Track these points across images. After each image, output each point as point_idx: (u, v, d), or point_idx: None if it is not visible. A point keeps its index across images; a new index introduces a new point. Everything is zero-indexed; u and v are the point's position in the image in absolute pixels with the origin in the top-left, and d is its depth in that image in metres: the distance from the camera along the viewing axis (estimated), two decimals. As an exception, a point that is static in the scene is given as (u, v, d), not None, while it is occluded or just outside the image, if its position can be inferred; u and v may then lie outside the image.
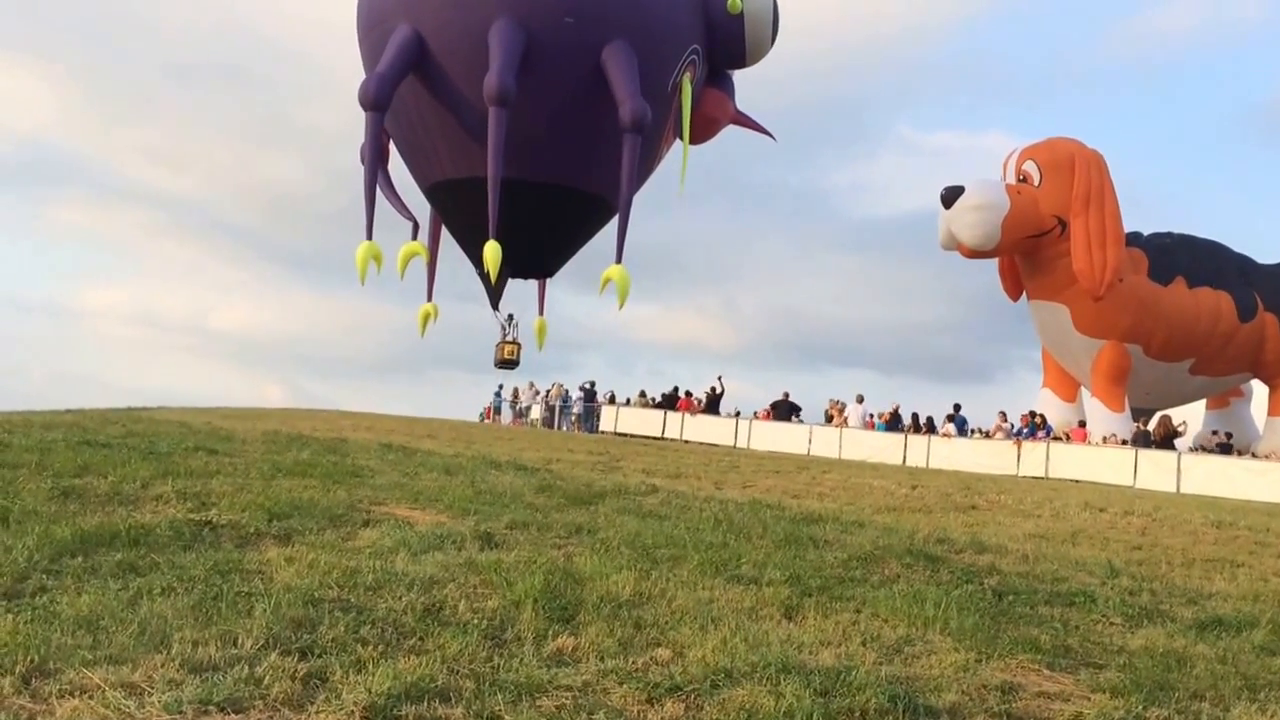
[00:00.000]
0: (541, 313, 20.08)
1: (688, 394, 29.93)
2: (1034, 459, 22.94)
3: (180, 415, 17.14)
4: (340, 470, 9.89)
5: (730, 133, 20.33)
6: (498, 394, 32.96)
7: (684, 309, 78.50)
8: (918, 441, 25.11)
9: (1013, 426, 25.77)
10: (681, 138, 18.42)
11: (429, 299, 19.62)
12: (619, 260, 16.92)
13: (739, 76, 19.99)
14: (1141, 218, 26.31)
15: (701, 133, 19.46)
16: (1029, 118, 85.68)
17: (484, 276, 17.78)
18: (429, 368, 74.56)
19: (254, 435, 13.11)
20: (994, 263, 25.34)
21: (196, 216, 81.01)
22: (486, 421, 31.48)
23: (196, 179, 79.55)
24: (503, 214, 16.35)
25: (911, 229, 65.77)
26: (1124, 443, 23.06)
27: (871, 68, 78.92)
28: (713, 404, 29.26)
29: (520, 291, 19.65)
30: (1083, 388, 25.55)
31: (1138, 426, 24.70)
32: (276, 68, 74.33)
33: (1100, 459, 22.29)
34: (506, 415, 32.30)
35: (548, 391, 31.56)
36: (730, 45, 18.70)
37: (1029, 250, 23.95)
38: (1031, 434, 24.93)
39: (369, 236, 16.73)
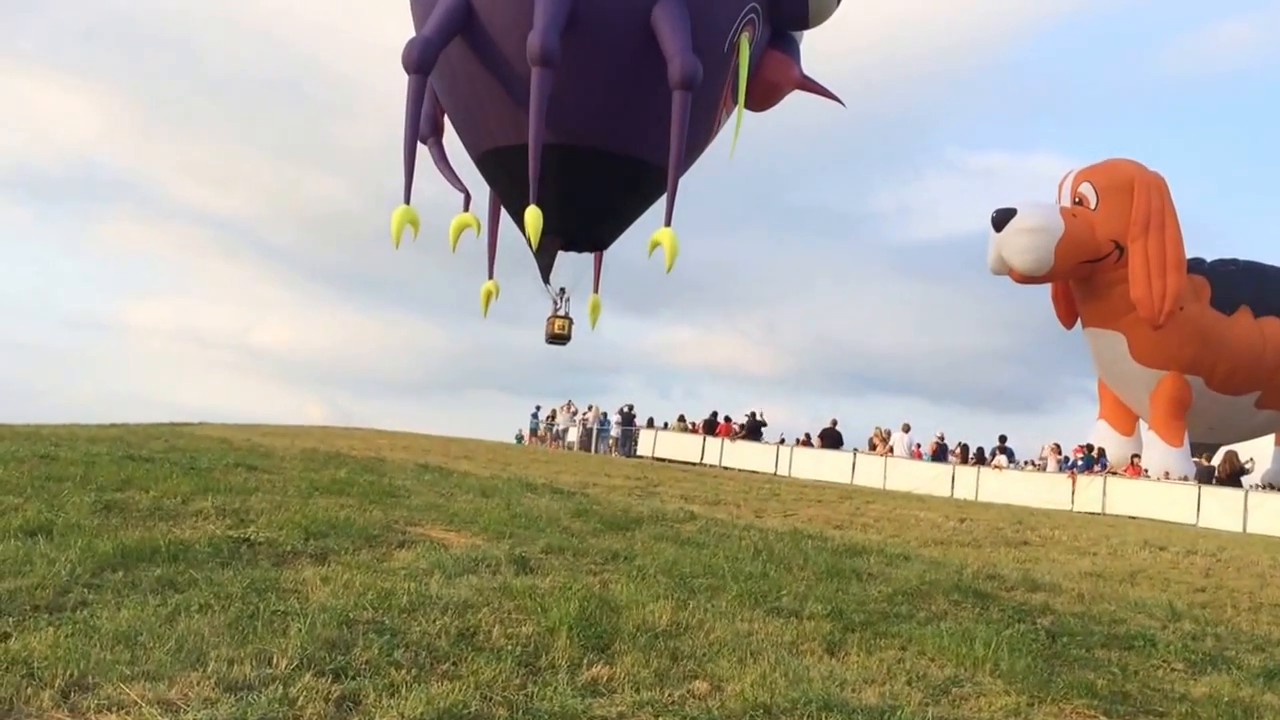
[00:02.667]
0: (596, 290, 19.57)
1: (727, 419, 29.68)
2: (1090, 493, 22.34)
3: (221, 431, 17.32)
4: (377, 490, 9.86)
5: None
6: (535, 415, 32.97)
7: (724, 332, 78.28)
8: (966, 472, 24.60)
9: (1067, 459, 25.17)
10: (741, 101, 17.48)
11: (490, 276, 19.10)
12: (668, 223, 16.21)
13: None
14: (1205, 243, 25.72)
15: (764, 99, 18.52)
16: (1079, 138, 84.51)
17: (533, 249, 17.15)
18: (468, 388, 75.12)
19: (293, 453, 13.17)
20: (1047, 288, 24.84)
21: (240, 234, 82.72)
22: (527, 443, 31.51)
23: (240, 197, 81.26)
24: (551, 181, 15.77)
25: (959, 252, 64.99)
26: (1184, 479, 22.39)
27: (916, 87, 78.51)
28: (753, 430, 28.98)
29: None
30: (1141, 420, 24.88)
31: (1199, 462, 24.00)
32: (319, 87, 75.78)
33: (1161, 495, 21.61)
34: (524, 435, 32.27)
35: (585, 414, 31.50)
36: (793, 4, 17.78)
37: (1084, 276, 23.40)
38: (1087, 467, 24.30)
39: (406, 201, 16.32)
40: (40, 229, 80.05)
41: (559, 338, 18.95)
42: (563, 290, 18.78)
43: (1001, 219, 22.82)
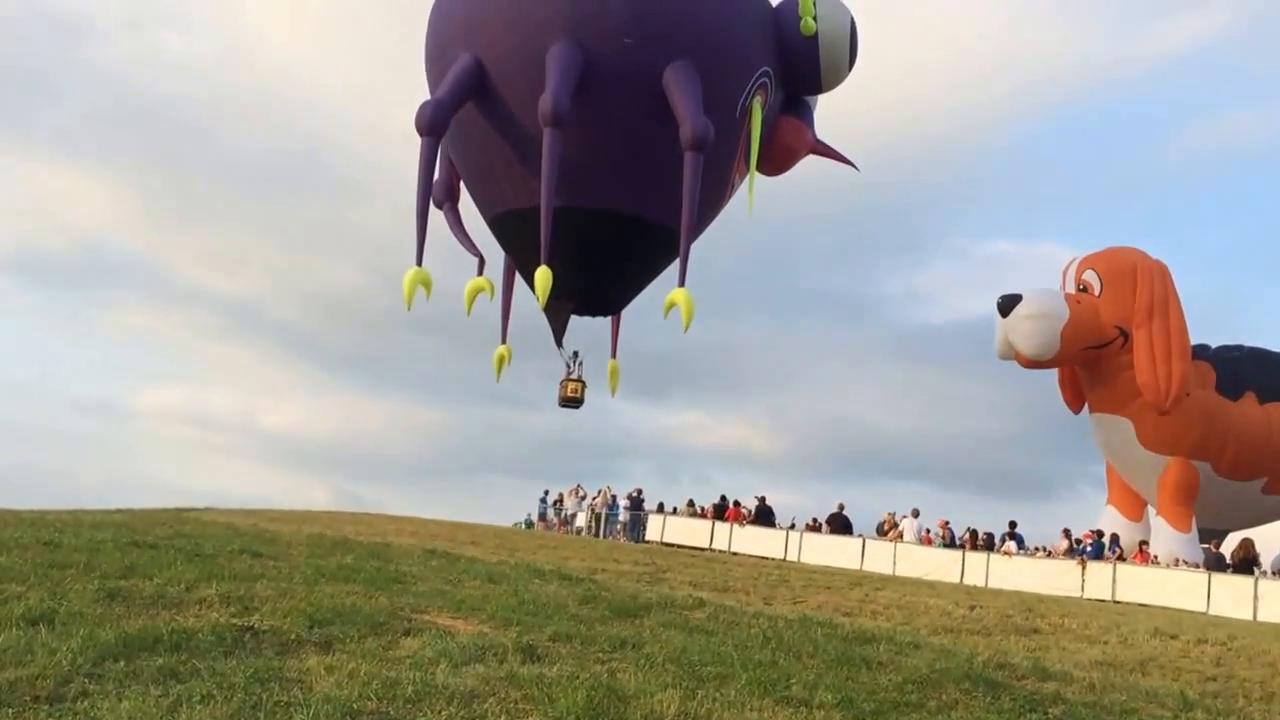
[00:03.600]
0: (614, 355, 19.43)
1: (736, 504, 29.46)
2: (1099, 580, 22.01)
3: (227, 517, 17.24)
4: (383, 576, 9.80)
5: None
6: (543, 499, 32.77)
7: (732, 416, 78.18)
8: (976, 558, 24.28)
9: (1078, 544, 24.87)
10: (754, 164, 17.52)
11: (503, 341, 18.98)
12: (682, 283, 16.10)
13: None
14: (1209, 330, 25.75)
15: (778, 163, 18.56)
16: (1084, 227, 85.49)
17: (546, 311, 17.10)
18: (476, 471, 74.74)
19: (299, 538, 13.10)
20: (1053, 373, 24.90)
21: (250, 318, 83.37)
22: (536, 527, 31.27)
23: (250, 281, 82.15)
24: (564, 244, 15.73)
25: (967, 337, 65.23)
26: (1197, 566, 22.10)
27: (922, 174, 79.76)
28: (762, 515, 28.73)
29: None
30: (1149, 506, 24.68)
31: (1207, 549, 23.71)
32: (330, 170, 77.27)
33: (1171, 582, 21.30)
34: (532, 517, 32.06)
35: (594, 498, 31.30)
36: (805, 69, 17.76)
37: (1090, 361, 23.50)
38: (1096, 553, 24.00)
39: (419, 263, 16.30)
40: (49, 313, 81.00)
41: (572, 400, 18.84)
42: (576, 354, 18.72)
43: (1007, 305, 23.02)
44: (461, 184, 18.53)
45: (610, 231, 17.01)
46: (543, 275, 15.72)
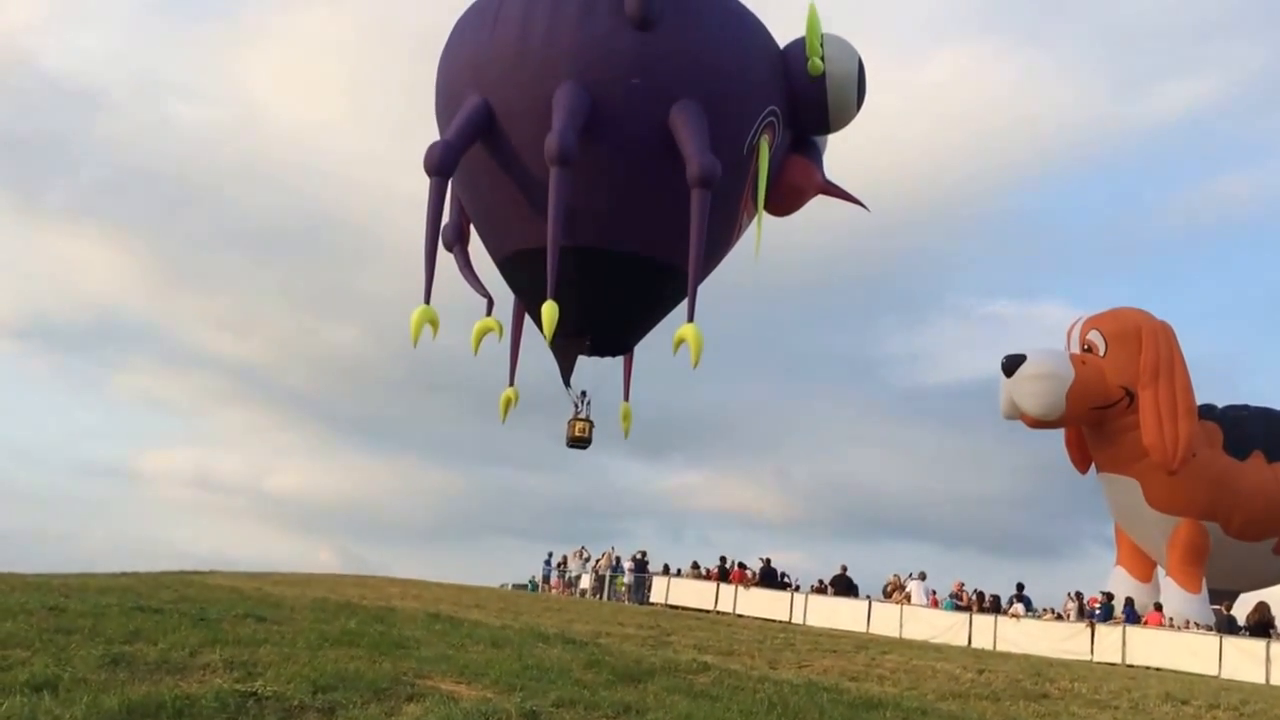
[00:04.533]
0: (627, 397, 19.31)
1: (741, 565, 29.28)
2: (1109, 643, 21.74)
3: (232, 580, 17.21)
4: (387, 641, 9.76)
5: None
6: (547, 562, 32.61)
7: (734, 476, 77.73)
8: (983, 621, 24.03)
9: (1089, 606, 24.59)
10: (761, 203, 17.44)
11: (510, 384, 18.93)
12: (690, 319, 16.03)
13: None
14: (1213, 391, 25.70)
15: (787, 203, 18.55)
16: (1086, 287, 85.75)
17: (554, 349, 17.02)
18: (480, 533, 74.32)
19: (303, 602, 13.07)
20: (1059, 432, 24.85)
21: (257, 381, 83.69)
22: (543, 589, 31.07)
23: (258, 345, 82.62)
24: (571, 283, 15.71)
25: (968, 398, 65.05)
26: (1209, 629, 21.83)
27: (922, 235, 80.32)
28: (767, 576, 28.54)
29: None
30: (1159, 567, 24.46)
31: (1218, 610, 23.44)
32: (336, 236, 78.11)
33: (1182, 645, 21.02)
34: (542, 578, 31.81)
35: (598, 560, 31.15)
36: (813, 108, 17.79)
37: (1096, 421, 23.46)
38: (1106, 616, 23.73)
39: (426, 301, 16.33)
40: (57, 378, 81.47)
41: (579, 440, 18.65)
42: (584, 393, 18.60)
43: (1012, 365, 23.06)
44: (471, 227, 18.60)
45: (618, 271, 17.02)
46: (549, 309, 15.67)
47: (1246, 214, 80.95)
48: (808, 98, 17.71)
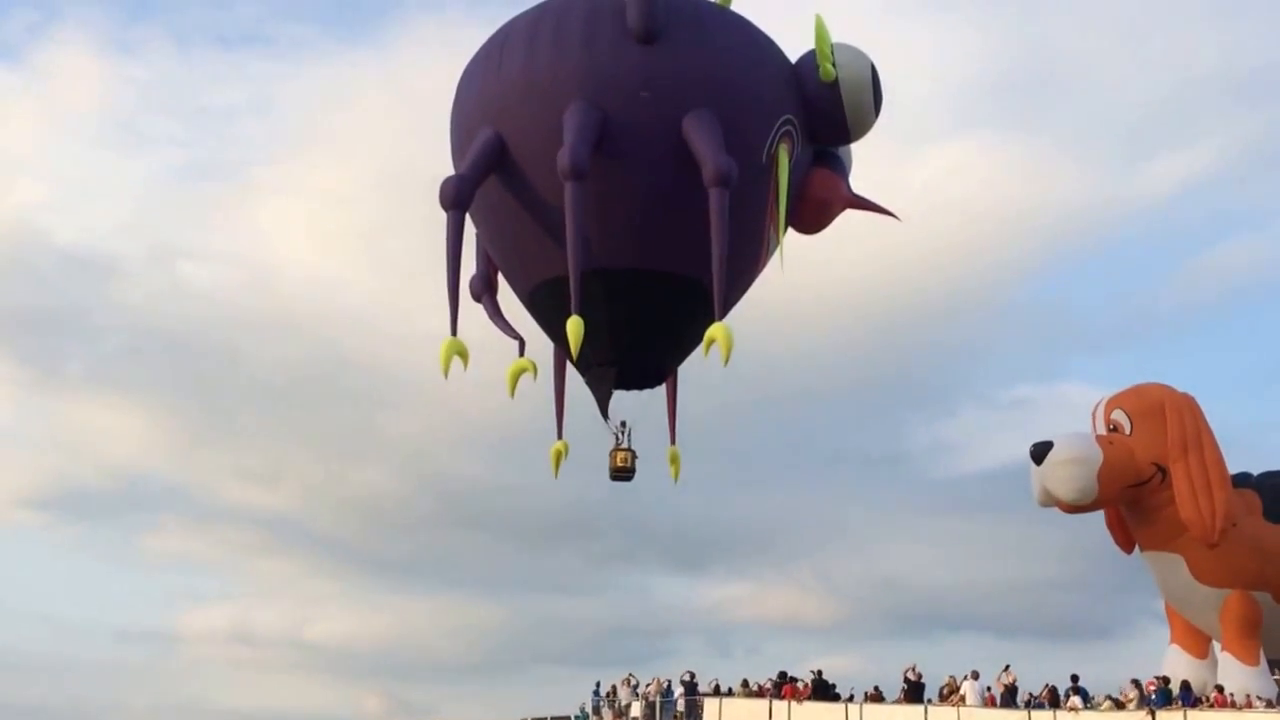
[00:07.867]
0: (674, 441, 18.95)
1: (792, 679, 28.82)
2: (1172, 728, 21.35)
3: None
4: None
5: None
6: (596, 691, 32.04)
7: (778, 584, 76.85)
8: (1042, 717, 23.60)
9: (1146, 691, 24.13)
10: (783, 214, 17.24)
11: (559, 436, 18.65)
12: (720, 318, 15.82)
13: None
14: (1247, 458, 25.73)
15: (816, 218, 18.30)
16: (1107, 365, 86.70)
17: (588, 381, 16.71)
18: (527, 664, 73.05)
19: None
20: (1100, 514, 24.79)
21: (290, 531, 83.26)
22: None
23: (287, 495, 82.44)
24: (598, 307, 15.54)
25: (1001, 485, 64.84)
26: (1271, 703, 21.46)
27: (940, 326, 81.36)
28: (819, 688, 28.09)
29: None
30: (1214, 641, 24.16)
31: (1278, 681, 23.08)
32: (358, 380, 78.93)
33: (1247, 720, 20.67)
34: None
35: (647, 687, 30.65)
36: (830, 117, 17.62)
37: (1132, 500, 23.51)
38: (1164, 701, 23.27)
39: (453, 333, 16.21)
40: (88, 546, 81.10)
41: (622, 471, 18.19)
42: (623, 423, 18.27)
43: (1040, 453, 23.18)
44: (499, 276, 18.52)
45: (643, 289, 16.90)
46: (574, 325, 15.49)
47: (1259, 277, 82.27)
48: (823, 105, 17.65)
